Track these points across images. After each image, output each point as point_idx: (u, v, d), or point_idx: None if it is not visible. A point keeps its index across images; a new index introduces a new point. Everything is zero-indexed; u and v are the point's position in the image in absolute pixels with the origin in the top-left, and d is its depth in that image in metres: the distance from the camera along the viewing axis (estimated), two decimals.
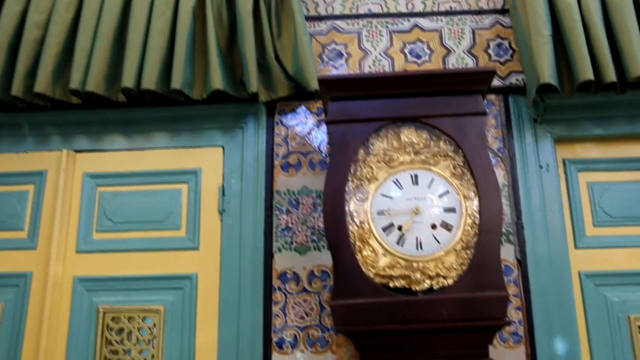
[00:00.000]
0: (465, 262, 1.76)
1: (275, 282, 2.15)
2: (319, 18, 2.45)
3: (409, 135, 1.89)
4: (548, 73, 2.09)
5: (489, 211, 1.78)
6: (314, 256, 2.17)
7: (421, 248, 1.78)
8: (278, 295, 2.14)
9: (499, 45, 2.39)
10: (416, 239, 1.79)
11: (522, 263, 2.13)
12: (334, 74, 2.36)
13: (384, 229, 1.80)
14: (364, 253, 1.79)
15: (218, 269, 2.19)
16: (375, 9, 2.46)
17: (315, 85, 2.17)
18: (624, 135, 2.29)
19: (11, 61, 2.26)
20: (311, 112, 2.34)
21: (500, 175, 2.21)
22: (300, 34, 2.23)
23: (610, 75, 2.07)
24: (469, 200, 1.82)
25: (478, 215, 1.79)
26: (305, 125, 2.33)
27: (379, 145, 1.89)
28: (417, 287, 1.75)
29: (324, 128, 2.29)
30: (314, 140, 2.30)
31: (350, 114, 1.89)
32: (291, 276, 2.16)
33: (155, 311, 2.16)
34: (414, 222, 1.80)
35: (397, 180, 1.86)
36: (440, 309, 1.70)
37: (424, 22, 2.43)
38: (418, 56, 2.38)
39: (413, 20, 2.43)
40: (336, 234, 1.78)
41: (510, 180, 2.22)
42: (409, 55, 2.39)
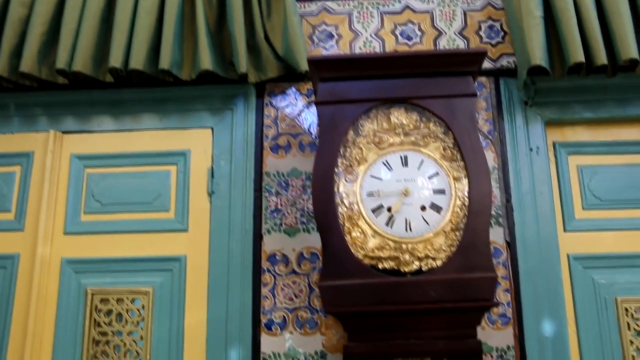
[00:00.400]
0: (454, 244, 1.76)
1: (265, 264, 2.15)
2: None
3: (399, 116, 1.88)
4: (539, 55, 2.08)
5: (478, 193, 1.78)
6: (303, 238, 2.17)
7: (410, 230, 1.78)
8: (267, 277, 2.14)
9: (491, 27, 2.37)
10: (405, 220, 1.79)
11: (511, 245, 2.14)
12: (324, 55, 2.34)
13: (373, 211, 1.80)
14: (353, 234, 1.78)
15: (207, 251, 2.19)
16: None
17: (305, 66, 2.15)
18: (614, 119, 2.29)
19: None
20: (301, 94, 2.32)
21: (491, 157, 2.20)
22: (290, 14, 2.21)
23: (601, 57, 2.07)
24: (458, 182, 1.82)
25: (467, 197, 1.79)
26: (295, 106, 2.31)
27: (369, 126, 1.88)
28: (406, 269, 1.75)
29: (314, 110, 2.27)
30: (303, 121, 2.29)
31: (339, 94, 1.88)
32: (280, 258, 2.15)
33: (144, 293, 2.15)
34: (403, 204, 1.80)
35: (387, 161, 1.85)
36: (428, 290, 1.70)
37: (415, 4, 2.40)
38: (409, 38, 2.37)
39: (404, 1, 2.41)
40: (325, 215, 1.78)
41: (500, 163, 2.21)
42: (399, 37, 2.37)
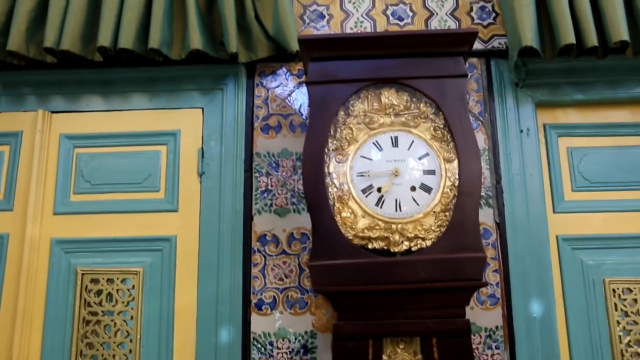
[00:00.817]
0: (443, 224, 1.77)
1: (255, 244, 2.15)
2: None
3: (389, 96, 1.88)
4: (530, 36, 2.08)
5: (468, 173, 1.78)
6: (293, 218, 2.17)
7: (400, 210, 1.78)
8: (257, 257, 2.14)
9: (482, 8, 2.37)
10: (395, 200, 1.79)
11: (501, 226, 2.15)
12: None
13: (363, 191, 1.80)
14: (343, 214, 1.79)
15: (197, 231, 2.19)
16: None
17: (295, 46, 2.14)
18: (604, 100, 2.30)
19: None
20: (292, 74, 2.31)
21: (481, 139, 2.21)
22: None
23: (592, 39, 2.07)
24: (448, 162, 1.82)
25: (457, 177, 1.79)
26: (286, 87, 2.30)
27: (359, 106, 1.88)
28: (396, 249, 1.76)
29: (304, 90, 2.26)
30: (294, 102, 2.28)
31: (330, 74, 1.87)
32: (270, 238, 2.16)
33: (134, 273, 2.15)
34: (393, 184, 1.80)
35: (377, 142, 1.85)
36: (418, 269, 1.71)
37: None
38: (400, 18, 2.35)
39: None
40: (315, 195, 1.77)
41: (491, 144, 2.22)
42: (391, 17, 2.36)
